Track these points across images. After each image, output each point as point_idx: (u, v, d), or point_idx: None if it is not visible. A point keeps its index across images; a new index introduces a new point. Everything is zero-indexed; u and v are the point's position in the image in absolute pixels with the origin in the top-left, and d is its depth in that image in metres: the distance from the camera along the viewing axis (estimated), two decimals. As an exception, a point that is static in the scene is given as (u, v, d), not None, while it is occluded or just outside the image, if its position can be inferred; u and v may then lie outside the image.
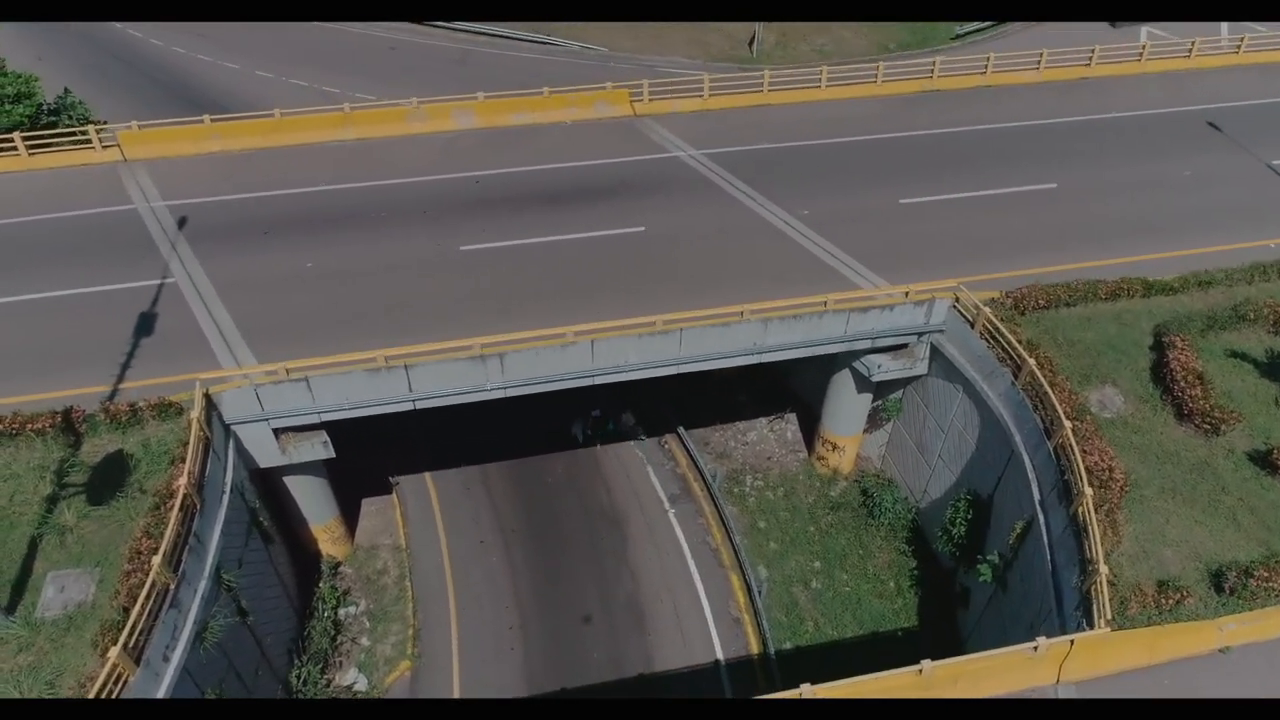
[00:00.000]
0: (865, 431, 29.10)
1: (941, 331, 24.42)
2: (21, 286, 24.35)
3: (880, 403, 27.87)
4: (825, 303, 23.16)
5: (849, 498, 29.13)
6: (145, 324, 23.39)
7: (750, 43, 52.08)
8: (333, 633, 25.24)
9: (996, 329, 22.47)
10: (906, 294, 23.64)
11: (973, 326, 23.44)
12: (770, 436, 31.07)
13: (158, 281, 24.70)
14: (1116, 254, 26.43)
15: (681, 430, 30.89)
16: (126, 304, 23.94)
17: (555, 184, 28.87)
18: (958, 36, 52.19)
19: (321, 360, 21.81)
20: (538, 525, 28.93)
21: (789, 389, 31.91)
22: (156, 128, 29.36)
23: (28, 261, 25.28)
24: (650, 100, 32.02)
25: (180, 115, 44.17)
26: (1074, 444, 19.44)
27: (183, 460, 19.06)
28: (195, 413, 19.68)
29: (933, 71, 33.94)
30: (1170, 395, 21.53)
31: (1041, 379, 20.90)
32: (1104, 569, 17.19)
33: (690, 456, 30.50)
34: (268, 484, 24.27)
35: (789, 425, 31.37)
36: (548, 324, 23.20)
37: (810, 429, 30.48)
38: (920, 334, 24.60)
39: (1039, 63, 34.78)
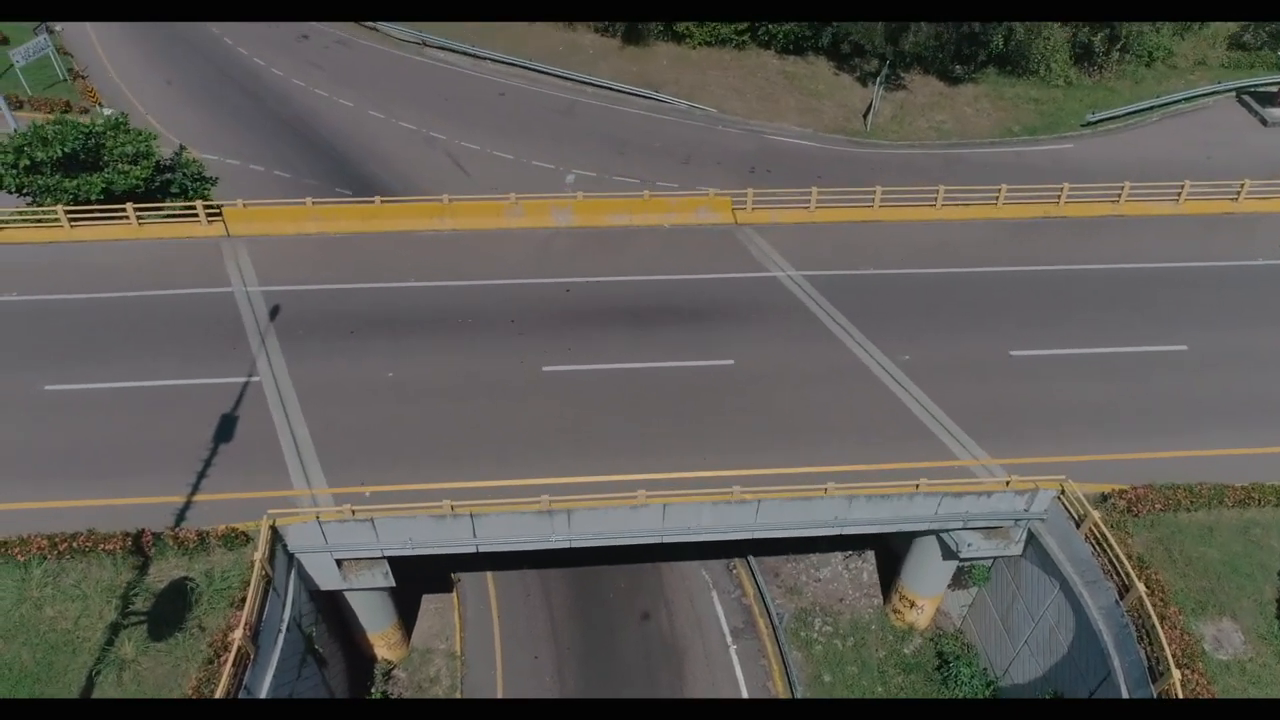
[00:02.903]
0: (948, 588, 27.35)
1: (1042, 520, 22.58)
2: (115, 373, 24.85)
3: (967, 567, 26.11)
4: (917, 485, 21.65)
5: (923, 658, 27.46)
6: (226, 428, 23.54)
7: (865, 114, 50.22)
8: (378, 747, 24.99)
9: (1104, 537, 20.60)
10: (1007, 483, 21.93)
11: (1078, 526, 21.58)
12: (845, 575, 29.57)
13: (243, 379, 24.85)
14: (1251, 440, 24.11)
15: (751, 559, 29.64)
16: (211, 402, 24.18)
17: (647, 299, 27.98)
18: (1089, 124, 49.19)
19: (388, 488, 21.91)
20: (594, 645, 28.18)
21: (870, 525, 30.31)
22: (259, 206, 29.65)
23: (124, 344, 25.80)
24: (753, 209, 30.79)
25: (294, 152, 45.77)
26: (1181, 697, 17.57)
27: (243, 603, 18.95)
28: (259, 552, 19.58)
29: (1060, 197, 31.62)
30: (1298, 641, 19.36)
31: (1150, 610, 19.05)
32: None
33: (758, 587, 29.26)
34: (327, 595, 24.14)
35: (866, 565, 29.79)
36: (622, 466, 22.64)
37: (889, 572, 28.85)
38: (1018, 520, 22.80)
39: (1179, 194, 32.08)
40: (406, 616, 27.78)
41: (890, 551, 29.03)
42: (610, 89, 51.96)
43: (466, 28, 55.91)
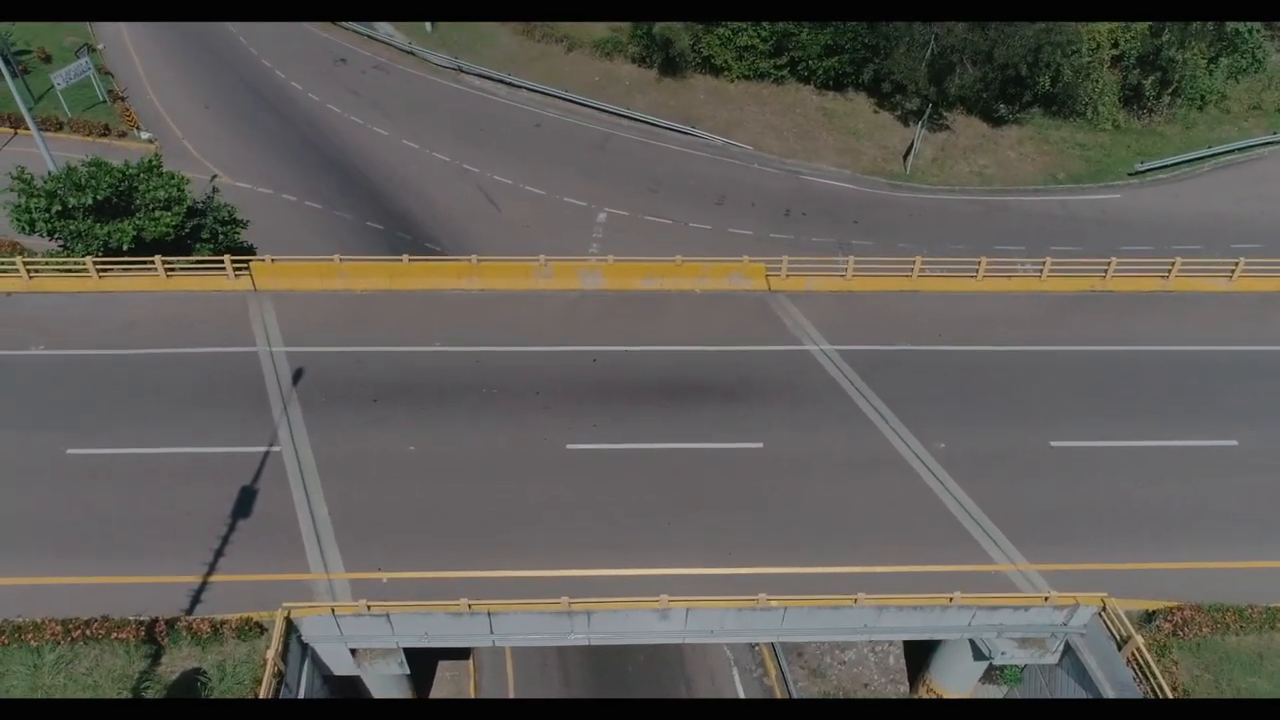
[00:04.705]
0: (977, 682, 26.44)
1: (1081, 635, 21.65)
2: (137, 438, 24.61)
3: (998, 668, 25.19)
4: (951, 598, 20.81)
5: (949, 753, 26.54)
6: (245, 503, 23.22)
7: (905, 155, 49.16)
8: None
9: (1148, 664, 19.66)
10: (1046, 598, 21.02)
11: (1119, 647, 20.64)
12: (870, 658, 28.76)
13: (264, 449, 24.53)
14: (1305, 553, 22.98)
15: (775, 638, 28.91)
16: (232, 473, 23.88)
17: (675, 371, 27.30)
18: (1136, 173, 47.77)
19: (405, 575, 21.58)
20: (611, 721, 27.56)
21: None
22: (286, 262, 29.32)
23: (148, 405, 25.58)
24: (787, 276, 29.99)
25: (326, 182, 45.54)
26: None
27: (253, 704, 18.60)
28: (272, 649, 19.22)
29: (1106, 271, 30.49)
30: (1353, 792, 18.25)
31: (1196, 751, 18.03)
32: None
33: (780, 669, 28.51)
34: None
35: (893, 648, 28.96)
36: (645, 559, 22.23)
37: (916, 660, 28.02)
38: (1054, 632, 21.89)
39: (1233, 272, 30.80)
40: (420, 688, 27.41)
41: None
42: (645, 123, 51.32)
43: (503, 55, 55.61)
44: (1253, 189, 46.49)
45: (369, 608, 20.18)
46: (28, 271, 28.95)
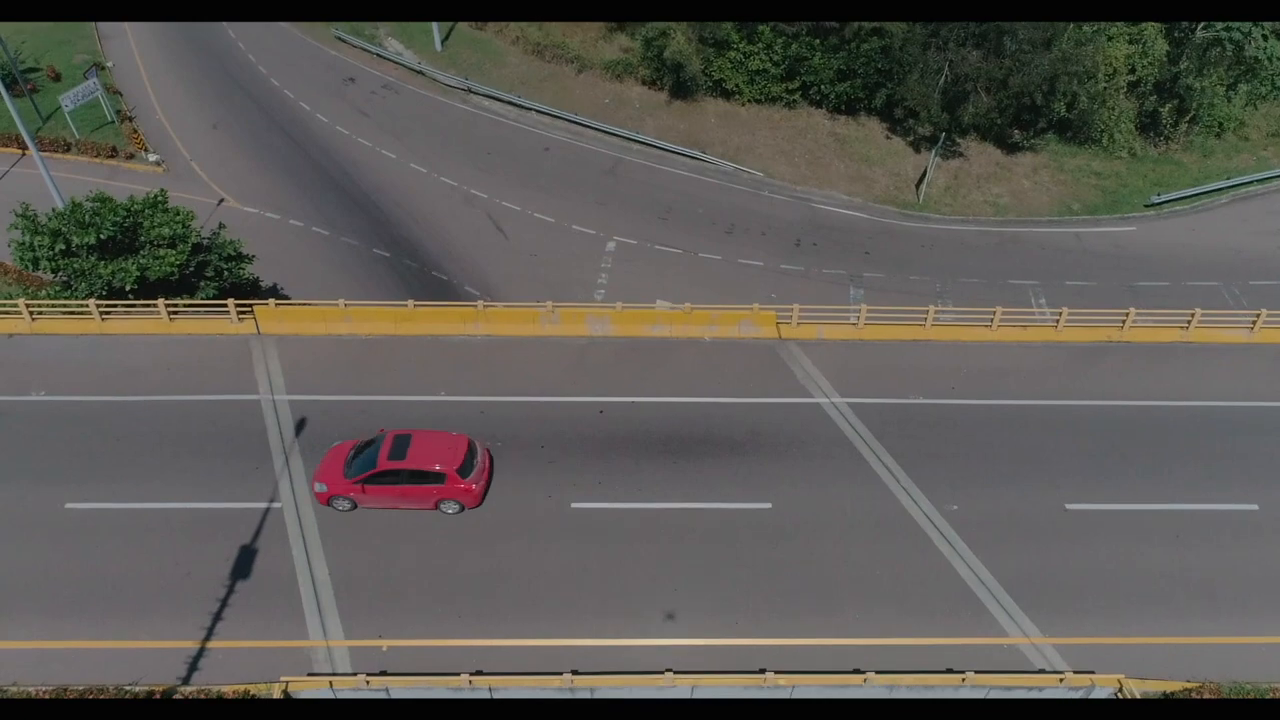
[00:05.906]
0: (987, 745, 25.97)
1: (1096, 714, 21.15)
2: (136, 492, 24.29)
3: (1010, 736, 24.70)
4: (963, 678, 20.33)
5: (958, 818, 26.06)
6: (244, 561, 22.90)
7: (918, 183, 48.55)
8: None
9: (1165, 753, 19.12)
10: (1061, 679, 20.53)
11: (1136, 730, 20.12)
12: (878, 716, 28.24)
13: (264, 505, 24.19)
14: (1326, 628, 22.42)
15: (781, 694, 28.47)
16: (231, 530, 23.54)
17: (683, 424, 26.82)
18: (1152, 205, 47.10)
19: (405, 644, 21.23)
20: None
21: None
22: (290, 307, 29.03)
23: (148, 456, 25.26)
24: (798, 324, 29.50)
25: (334, 207, 45.26)
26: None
27: (248, 784, 18.23)
28: (269, 727, 18.81)
29: (1124, 321, 29.88)
30: None
31: None
32: None
33: None
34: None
35: (901, 707, 28.43)
36: (649, 628, 21.89)
37: (924, 718, 27.49)
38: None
39: (1254, 322, 30.14)
40: (422, 741, 27.00)
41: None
42: (655, 147, 50.83)
43: (513, 75, 55.17)
44: (1272, 223, 45.82)
45: (368, 681, 19.82)
46: (30, 313, 28.65)
